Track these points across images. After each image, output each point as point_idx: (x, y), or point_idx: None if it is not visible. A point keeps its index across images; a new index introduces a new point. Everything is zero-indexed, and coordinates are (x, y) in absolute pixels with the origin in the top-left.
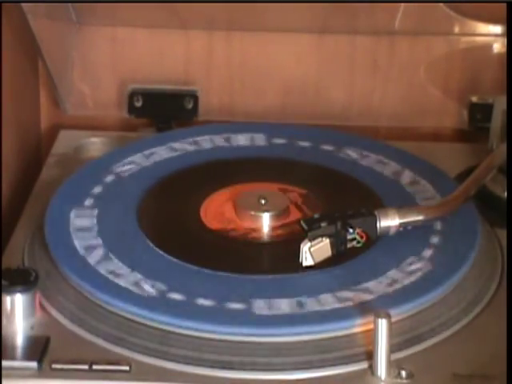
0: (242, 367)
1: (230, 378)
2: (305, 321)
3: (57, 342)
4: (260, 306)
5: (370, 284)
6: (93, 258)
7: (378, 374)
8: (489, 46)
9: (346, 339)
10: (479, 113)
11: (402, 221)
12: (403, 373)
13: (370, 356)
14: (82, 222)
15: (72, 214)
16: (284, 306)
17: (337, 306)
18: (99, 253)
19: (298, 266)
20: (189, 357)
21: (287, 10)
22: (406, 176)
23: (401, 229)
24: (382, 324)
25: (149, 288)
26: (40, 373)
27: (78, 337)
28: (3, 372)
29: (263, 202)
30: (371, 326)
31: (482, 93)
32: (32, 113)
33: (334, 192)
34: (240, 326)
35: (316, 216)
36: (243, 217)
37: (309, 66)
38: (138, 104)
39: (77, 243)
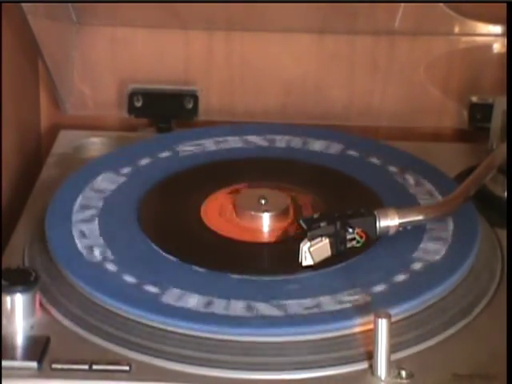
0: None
1: (229, 377)
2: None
3: (57, 342)
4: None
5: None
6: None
7: (378, 374)
8: (489, 46)
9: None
10: (479, 113)
11: (401, 221)
12: (403, 373)
13: (370, 356)
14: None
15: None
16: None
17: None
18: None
19: (297, 266)
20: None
21: (287, 9)
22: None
23: (400, 229)
24: (382, 324)
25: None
26: (40, 373)
27: (78, 337)
28: (3, 372)
29: (263, 202)
30: (371, 326)
31: (482, 93)
32: (32, 113)
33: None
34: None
35: (315, 216)
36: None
37: (309, 66)
38: (138, 104)
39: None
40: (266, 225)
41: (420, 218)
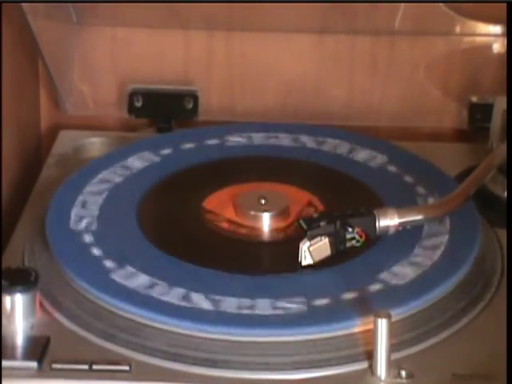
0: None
1: (229, 377)
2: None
3: (57, 341)
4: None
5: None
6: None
7: (378, 374)
8: (489, 46)
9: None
10: (479, 113)
11: (401, 220)
12: (403, 373)
13: (370, 356)
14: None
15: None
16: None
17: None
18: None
19: (297, 266)
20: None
21: (287, 9)
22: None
23: (400, 228)
24: (382, 324)
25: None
26: (40, 373)
27: (78, 337)
28: (3, 372)
29: (263, 202)
30: (371, 326)
31: (482, 93)
32: (32, 113)
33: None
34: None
35: (315, 215)
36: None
37: (309, 66)
38: (138, 104)
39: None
40: (266, 224)
41: (420, 217)
